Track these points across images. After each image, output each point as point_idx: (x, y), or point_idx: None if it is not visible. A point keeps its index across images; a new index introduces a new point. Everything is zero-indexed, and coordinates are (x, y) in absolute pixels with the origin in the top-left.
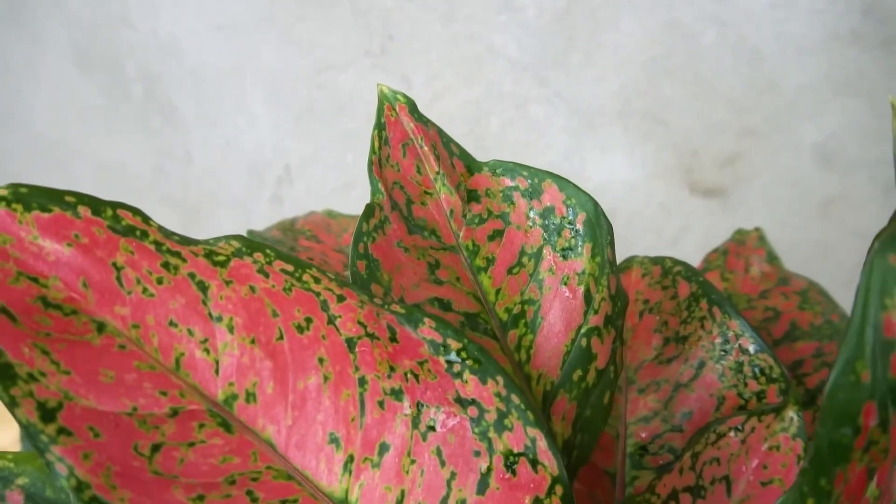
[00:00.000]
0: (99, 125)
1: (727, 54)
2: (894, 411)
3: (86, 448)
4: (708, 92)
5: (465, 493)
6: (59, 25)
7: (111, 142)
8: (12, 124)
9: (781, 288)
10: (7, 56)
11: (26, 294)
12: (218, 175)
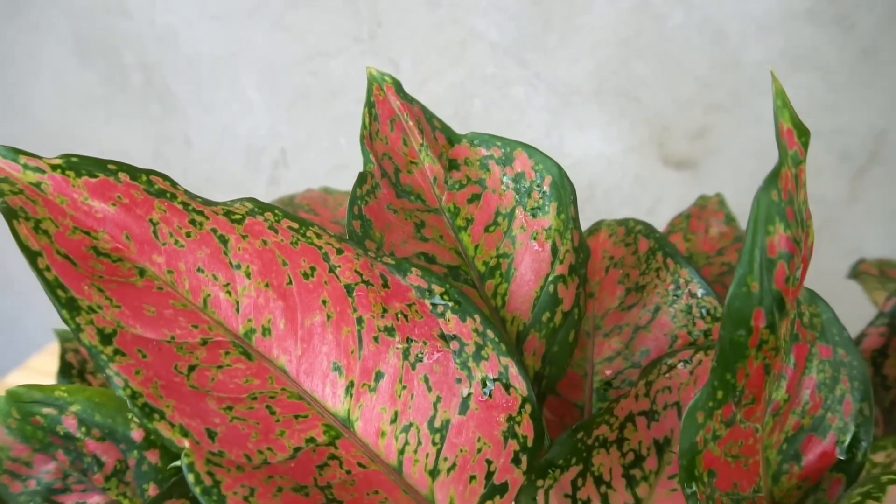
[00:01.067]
0: (99, 113)
1: (693, 34)
2: (780, 316)
3: (136, 366)
4: (676, 70)
5: (450, 414)
6: (59, 16)
7: (112, 129)
8: (14, 113)
9: (736, 245)
10: (8, 47)
11: (81, 244)
12: (216, 159)
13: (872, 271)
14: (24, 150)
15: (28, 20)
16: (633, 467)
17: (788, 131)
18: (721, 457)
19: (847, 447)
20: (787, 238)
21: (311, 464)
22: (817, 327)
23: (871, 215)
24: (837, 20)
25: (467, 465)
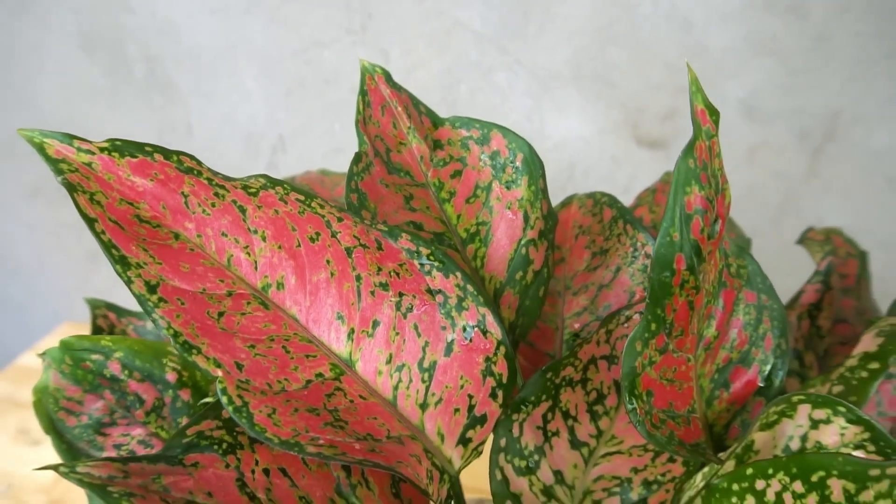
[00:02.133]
0: (104, 103)
1: (662, 22)
2: (698, 261)
3: (176, 311)
4: (647, 56)
5: (436, 356)
6: (64, 12)
7: (116, 119)
8: (22, 105)
9: None
10: (15, 41)
11: (127, 213)
12: (217, 146)
13: (818, 238)
14: (77, 136)
15: (35, 16)
16: (595, 404)
17: (702, 111)
18: (657, 380)
19: (767, 376)
20: (701, 197)
21: (320, 393)
22: (744, 277)
23: (829, 189)
24: (792, 9)
25: (452, 400)
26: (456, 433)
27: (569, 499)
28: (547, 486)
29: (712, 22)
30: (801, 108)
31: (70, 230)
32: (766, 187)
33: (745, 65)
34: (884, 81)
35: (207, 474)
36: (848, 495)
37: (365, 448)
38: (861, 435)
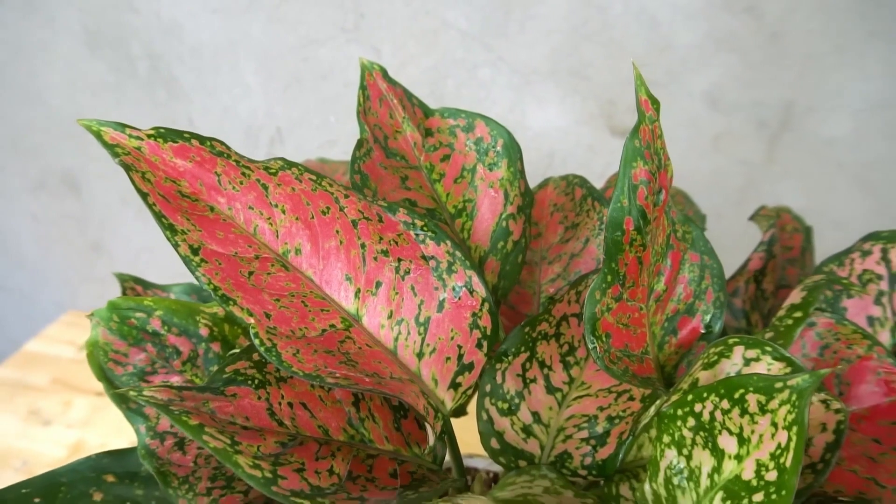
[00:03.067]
0: (109, 99)
1: (631, 21)
2: (644, 223)
3: (215, 270)
4: (619, 52)
5: (430, 312)
6: (72, 12)
7: (120, 113)
8: (29, 100)
9: None
10: (23, 40)
11: (171, 189)
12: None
13: (769, 214)
14: (128, 125)
15: (43, 15)
16: (568, 355)
17: (645, 101)
18: (614, 324)
19: (708, 324)
20: (645, 171)
21: (334, 339)
22: (689, 241)
23: (786, 174)
24: (748, 9)
25: (444, 349)
26: (447, 378)
27: (545, 435)
28: (526, 424)
29: (677, 21)
30: (759, 99)
31: (73, 222)
32: (730, 172)
33: (707, 60)
34: (832, 75)
35: (244, 403)
36: (760, 405)
37: (373, 382)
38: (784, 369)
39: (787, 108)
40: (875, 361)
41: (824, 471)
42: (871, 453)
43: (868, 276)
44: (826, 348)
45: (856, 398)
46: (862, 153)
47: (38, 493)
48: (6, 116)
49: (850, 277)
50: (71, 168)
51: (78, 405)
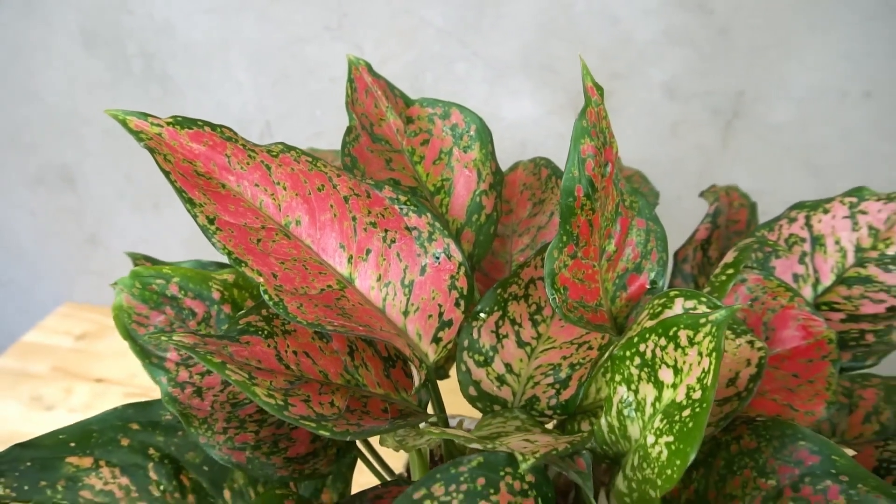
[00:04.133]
0: (105, 96)
1: (594, 18)
2: (592, 191)
3: (228, 237)
4: (583, 46)
5: (414, 276)
6: (68, 12)
7: None
8: (28, 98)
9: None
10: (22, 40)
11: (189, 169)
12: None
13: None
14: (149, 113)
15: (40, 16)
16: (535, 314)
17: (591, 87)
18: (571, 279)
19: (653, 280)
20: (592, 146)
21: (332, 297)
22: (636, 209)
23: (739, 158)
24: (699, 6)
25: (426, 308)
26: (430, 333)
27: (516, 383)
28: (499, 374)
29: (636, 18)
30: (712, 89)
31: (70, 216)
32: (688, 157)
33: (664, 53)
34: (777, 66)
35: (256, 349)
36: (689, 338)
37: (366, 330)
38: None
39: (737, 97)
40: (796, 310)
41: (747, 397)
42: (790, 385)
43: (793, 239)
44: (755, 300)
45: (780, 341)
46: (806, 137)
47: (72, 438)
48: (4, 114)
49: (779, 241)
50: (68, 163)
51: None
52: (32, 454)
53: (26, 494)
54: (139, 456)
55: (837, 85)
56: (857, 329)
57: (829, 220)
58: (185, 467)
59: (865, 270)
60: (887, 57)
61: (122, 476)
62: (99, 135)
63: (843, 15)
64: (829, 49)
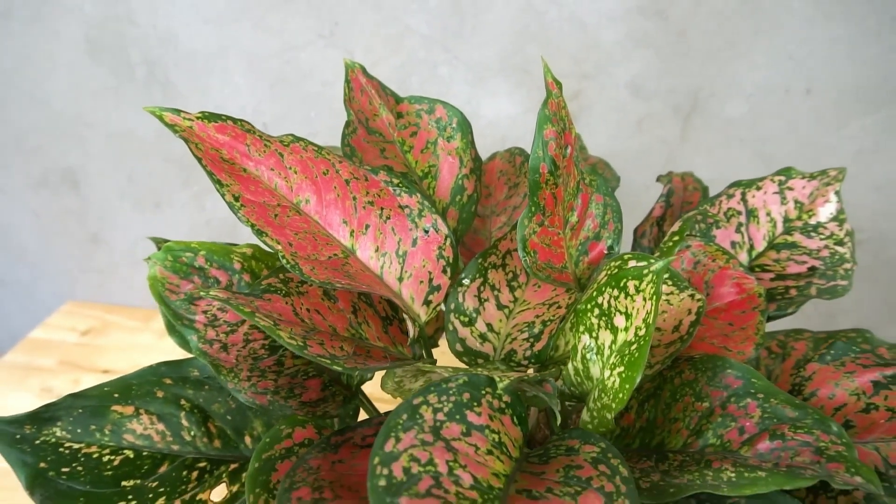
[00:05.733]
0: (109, 101)
1: (565, 24)
2: (555, 168)
3: (251, 212)
4: (555, 50)
5: (406, 247)
6: (74, 24)
7: (120, 114)
8: (34, 104)
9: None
10: (30, 50)
11: (216, 155)
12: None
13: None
14: (181, 110)
15: (48, 27)
16: (512, 281)
17: (551, 82)
18: (539, 243)
19: (610, 246)
20: (553, 131)
21: (338, 263)
22: (595, 186)
23: (698, 150)
24: (658, 13)
25: (418, 275)
26: (421, 297)
27: (497, 340)
28: (482, 332)
29: (602, 23)
30: (672, 87)
31: (73, 216)
32: (653, 150)
33: (628, 55)
34: (728, 66)
35: (276, 305)
36: (636, 287)
37: (368, 288)
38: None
39: (695, 94)
40: (732, 270)
41: (688, 339)
42: (725, 332)
43: (731, 212)
44: (698, 263)
45: (718, 297)
46: (757, 130)
47: (115, 390)
48: (11, 120)
49: (719, 214)
50: (71, 166)
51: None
52: (83, 403)
53: (79, 437)
54: (173, 406)
55: (782, 83)
56: (783, 286)
57: (761, 195)
58: (211, 416)
59: (791, 237)
60: (824, 57)
61: (158, 423)
62: (102, 138)
63: (784, 20)
64: (773, 50)
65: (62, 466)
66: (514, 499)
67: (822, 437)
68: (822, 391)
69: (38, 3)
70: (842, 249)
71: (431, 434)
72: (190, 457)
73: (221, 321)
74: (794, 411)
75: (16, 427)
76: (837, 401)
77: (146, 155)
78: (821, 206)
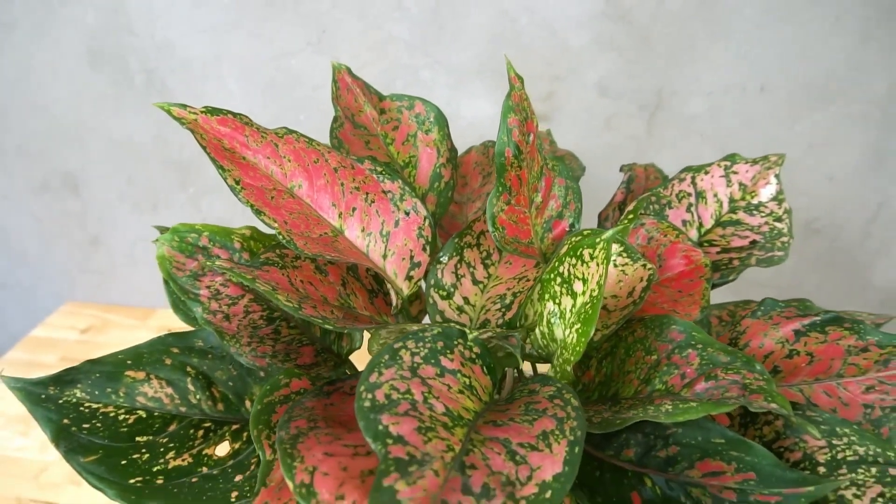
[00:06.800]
0: (109, 108)
1: (537, 30)
2: (519, 153)
3: (250, 194)
4: (529, 54)
5: (389, 228)
6: (77, 35)
7: (119, 121)
8: (35, 112)
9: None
10: (33, 60)
11: (218, 145)
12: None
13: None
14: (187, 104)
15: (50, 38)
16: (486, 259)
17: (514, 77)
18: (507, 220)
19: (571, 224)
20: (517, 120)
21: (328, 240)
22: (557, 171)
23: (663, 145)
24: (622, 18)
25: (400, 253)
26: (404, 272)
27: (473, 312)
28: (459, 305)
29: (571, 29)
30: (638, 87)
31: (74, 219)
32: (621, 146)
33: (596, 58)
34: (688, 67)
35: (273, 276)
36: (590, 255)
37: (356, 261)
38: (619, 249)
39: (658, 93)
40: (681, 244)
41: (640, 303)
42: (675, 298)
43: (682, 194)
44: (651, 238)
45: (669, 267)
46: (717, 126)
47: (128, 357)
48: (14, 127)
49: (671, 196)
50: (72, 170)
51: None
52: (100, 368)
53: (97, 398)
54: (180, 372)
55: (738, 82)
56: (727, 257)
57: (709, 179)
58: (215, 382)
59: (736, 216)
60: (775, 58)
61: (167, 387)
62: (103, 143)
63: (737, 25)
64: (729, 52)
65: (83, 423)
66: (480, 426)
67: (747, 375)
68: (754, 342)
69: (42, 16)
70: (780, 225)
71: (409, 371)
72: (196, 418)
73: (224, 295)
74: (727, 357)
75: (41, 388)
76: (766, 349)
77: (145, 159)
78: (762, 188)
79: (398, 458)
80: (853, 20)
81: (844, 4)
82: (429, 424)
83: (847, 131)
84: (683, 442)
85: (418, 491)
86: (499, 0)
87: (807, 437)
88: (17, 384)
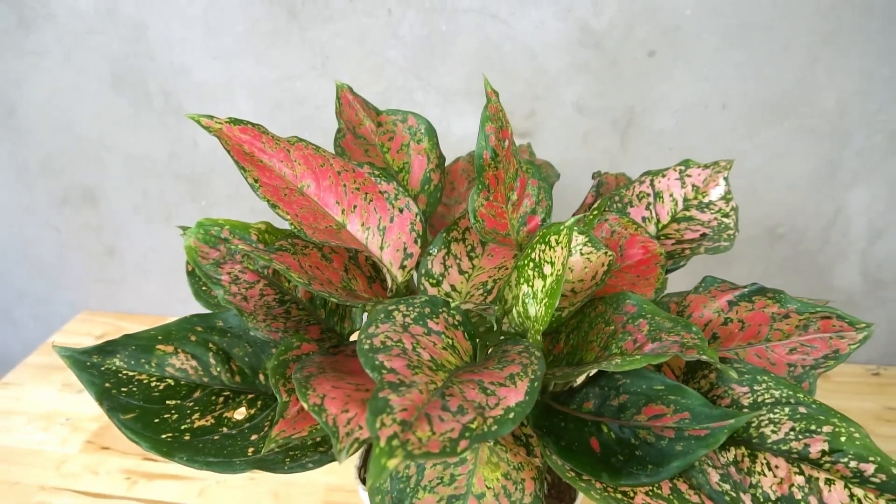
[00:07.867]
0: (128, 127)
1: (519, 55)
2: (495, 155)
3: (266, 192)
4: (512, 77)
5: (385, 223)
6: (102, 61)
7: (137, 138)
8: (60, 130)
9: None
10: (59, 84)
11: (238, 149)
12: (216, 154)
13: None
14: (213, 115)
15: (77, 64)
16: (471, 252)
17: (490, 92)
18: (487, 214)
19: (543, 219)
20: (493, 127)
21: (333, 231)
22: (530, 173)
23: (635, 158)
24: (594, 45)
25: (395, 245)
26: (398, 262)
27: (459, 298)
28: (447, 292)
29: (549, 54)
30: (610, 106)
31: (91, 231)
32: (597, 160)
33: (573, 80)
34: (655, 86)
35: (286, 259)
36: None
37: (357, 248)
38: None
39: (630, 111)
40: (640, 237)
41: (601, 284)
42: (633, 282)
43: (642, 194)
44: (614, 232)
45: (629, 256)
46: (684, 140)
47: (159, 333)
48: (39, 145)
49: (633, 196)
50: (91, 185)
51: None
52: (134, 342)
53: (133, 367)
54: (203, 348)
55: (702, 100)
56: (680, 248)
57: (666, 181)
58: (233, 357)
59: (689, 213)
60: (733, 78)
61: (192, 360)
62: (121, 160)
63: (698, 49)
64: (691, 73)
65: (121, 387)
66: (460, 374)
67: (685, 336)
68: (696, 313)
69: (70, 44)
70: (727, 220)
71: (401, 328)
72: (217, 387)
73: (242, 280)
74: (670, 323)
75: (86, 356)
76: (706, 318)
77: (159, 174)
78: (712, 189)
79: (391, 381)
80: (801, 46)
81: (793, 31)
82: (416, 364)
83: (801, 144)
84: (631, 390)
85: (406, 401)
86: (484, 29)
87: (734, 385)
88: (66, 352)
